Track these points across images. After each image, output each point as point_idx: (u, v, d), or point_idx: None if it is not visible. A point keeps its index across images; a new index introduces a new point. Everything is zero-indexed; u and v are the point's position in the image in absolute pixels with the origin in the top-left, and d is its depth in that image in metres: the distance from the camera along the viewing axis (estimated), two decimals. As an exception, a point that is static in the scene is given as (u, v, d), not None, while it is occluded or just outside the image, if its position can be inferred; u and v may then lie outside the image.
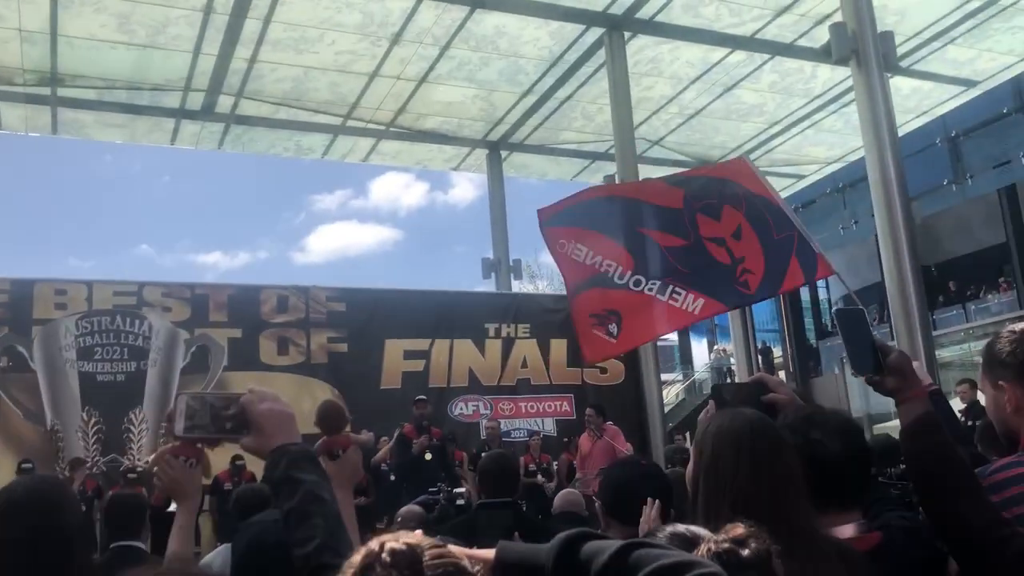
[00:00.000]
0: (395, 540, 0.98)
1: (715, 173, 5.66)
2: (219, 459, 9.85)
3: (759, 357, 24.90)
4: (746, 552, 1.27)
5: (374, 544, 0.98)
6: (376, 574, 0.93)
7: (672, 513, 2.61)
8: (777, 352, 26.89)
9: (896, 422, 2.19)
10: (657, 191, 5.42)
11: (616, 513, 2.59)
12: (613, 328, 5.16)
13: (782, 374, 24.95)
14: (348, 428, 3.88)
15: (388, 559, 0.95)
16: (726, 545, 1.28)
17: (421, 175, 69.08)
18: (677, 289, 5.10)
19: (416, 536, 1.02)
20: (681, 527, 1.49)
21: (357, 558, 0.98)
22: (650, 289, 5.10)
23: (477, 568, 1.06)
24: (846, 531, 1.86)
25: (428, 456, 9.96)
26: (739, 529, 1.31)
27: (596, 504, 2.87)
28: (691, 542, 1.38)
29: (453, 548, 1.05)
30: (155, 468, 1.93)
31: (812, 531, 1.67)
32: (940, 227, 21.11)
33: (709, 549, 1.28)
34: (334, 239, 65.90)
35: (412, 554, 0.96)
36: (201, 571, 1.41)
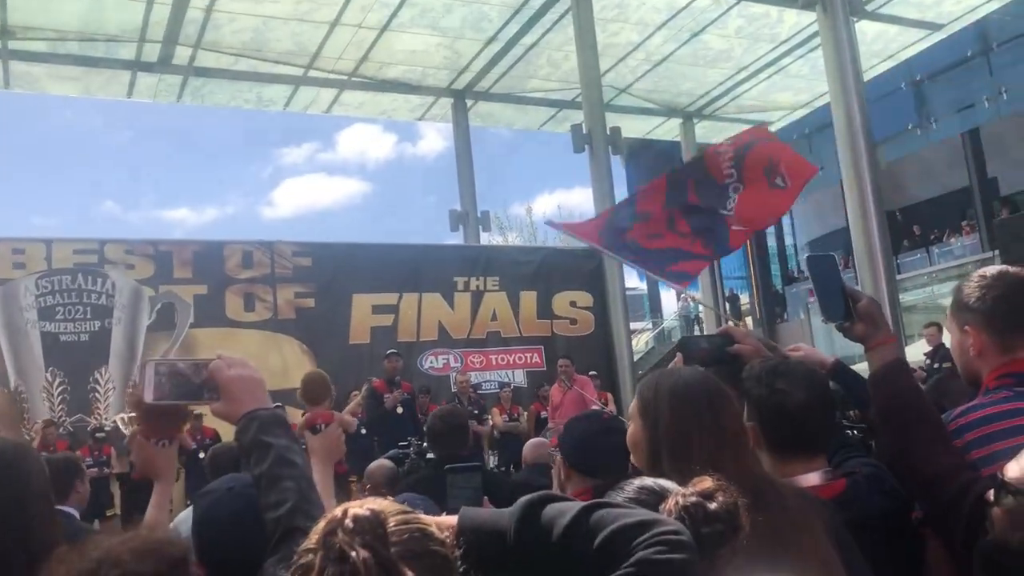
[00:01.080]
0: (359, 506, 0.97)
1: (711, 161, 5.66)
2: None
3: (726, 304, 25.18)
4: (714, 505, 1.27)
5: (338, 511, 0.97)
6: (338, 539, 0.92)
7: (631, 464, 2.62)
8: (744, 299, 27.20)
9: (861, 365, 2.20)
10: (650, 199, 5.51)
11: (577, 465, 2.60)
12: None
13: (749, 320, 25.25)
14: (330, 401, 3.85)
15: (351, 524, 0.93)
16: (694, 499, 1.28)
17: (388, 127, 68.38)
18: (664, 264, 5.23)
19: (382, 503, 1.00)
20: (649, 480, 1.49)
21: (320, 524, 0.97)
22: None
23: (445, 535, 1.05)
24: (811, 479, 1.89)
25: (400, 410, 9.98)
26: (707, 482, 1.32)
27: (555, 456, 2.87)
28: (659, 495, 1.38)
29: (421, 515, 1.04)
30: (130, 449, 1.92)
31: (774, 482, 1.69)
32: (904, 172, 21.30)
33: (677, 503, 1.29)
34: (302, 193, 65.19)
35: (376, 519, 0.95)
36: (170, 535, 1.39)
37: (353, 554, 0.90)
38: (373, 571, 0.89)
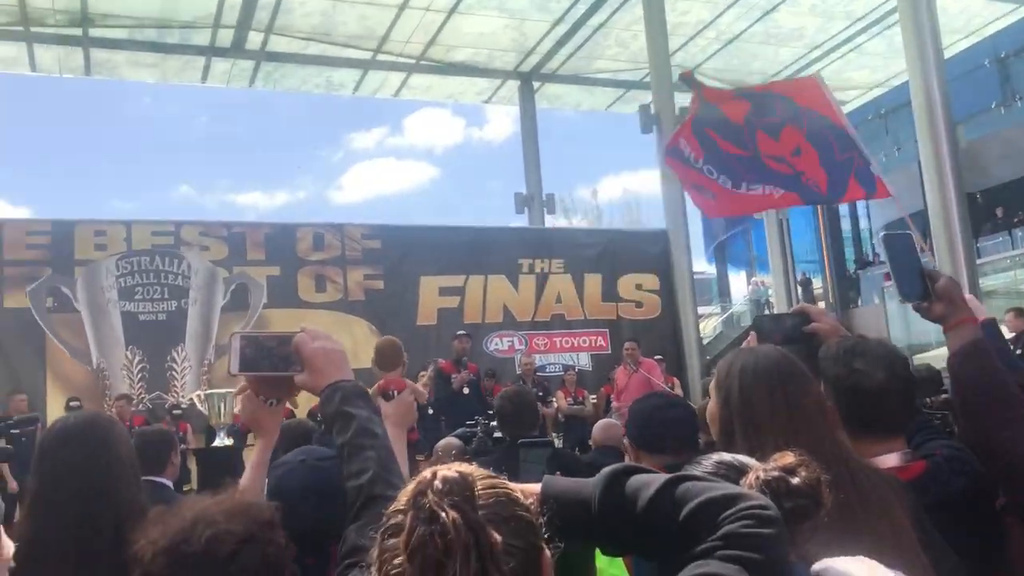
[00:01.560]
0: (448, 469, 0.98)
1: (781, 90, 5.71)
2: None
3: (799, 288, 24.69)
4: (796, 480, 1.26)
5: (427, 473, 0.98)
6: (428, 500, 0.93)
7: (701, 441, 2.60)
8: (817, 283, 26.61)
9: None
10: (723, 97, 5.58)
11: (644, 444, 2.59)
12: (710, 195, 5.39)
13: (822, 305, 24.73)
14: (403, 368, 3.89)
15: (440, 486, 0.95)
16: (776, 473, 1.27)
17: (457, 111, 68.60)
18: (752, 184, 5.24)
19: (469, 467, 1.01)
20: (727, 455, 1.48)
21: (410, 486, 0.98)
22: (722, 182, 5.27)
23: (530, 501, 1.06)
24: (890, 460, 1.85)
25: (466, 391, 10.06)
26: (789, 458, 1.30)
27: (624, 440, 2.87)
28: (739, 470, 1.37)
29: (507, 481, 1.05)
30: (236, 402, 1.98)
31: (854, 461, 1.66)
32: (986, 152, 20.54)
33: (758, 477, 1.27)
34: (371, 177, 65.89)
35: (464, 482, 0.96)
36: (255, 500, 1.44)
37: (443, 514, 0.91)
38: (462, 532, 0.91)
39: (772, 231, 18.00)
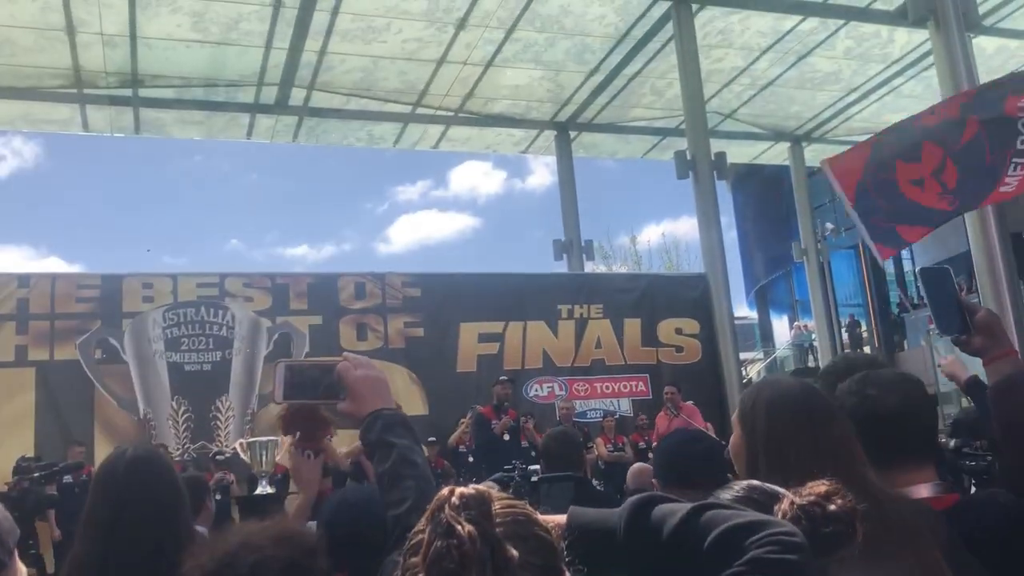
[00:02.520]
0: (465, 487, 1.00)
1: (947, 114, 5.56)
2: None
3: (845, 331, 24.33)
4: (832, 507, 1.25)
5: (445, 491, 1.00)
6: (445, 515, 0.95)
7: (730, 477, 2.58)
8: (862, 326, 26.19)
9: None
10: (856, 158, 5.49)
11: (670, 480, 2.58)
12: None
13: (867, 349, 24.32)
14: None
15: (457, 501, 0.96)
16: (812, 498, 1.26)
17: (499, 163, 69.43)
18: (882, 222, 5.19)
19: (488, 488, 1.03)
20: (757, 483, 1.48)
21: (431, 505, 1.00)
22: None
23: (551, 526, 1.07)
24: (921, 491, 1.81)
25: (506, 437, 10.04)
26: (823, 486, 1.29)
27: (652, 481, 2.85)
28: (772, 496, 1.37)
29: (527, 505, 1.06)
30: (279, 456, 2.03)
31: (880, 492, 1.64)
32: (1030, 192, 20.20)
33: (793, 503, 1.27)
34: (415, 229, 66.68)
35: (481, 497, 0.98)
36: (300, 528, 1.48)
37: (459, 528, 0.93)
38: (478, 545, 0.91)
39: (813, 275, 17.86)
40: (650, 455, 10.16)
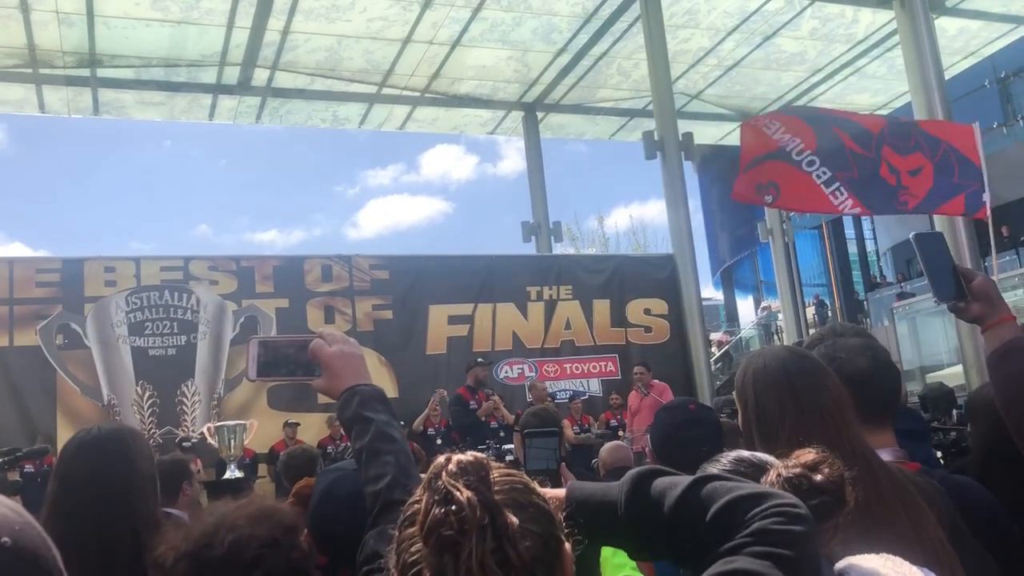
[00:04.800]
0: (462, 454, 0.98)
1: (934, 131, 6.07)
2: (273, 429, 10.03)
3: (813, 311, 24.64)
4: (819, 477, 1.24)
5: (441, 458, 0.98)
6: (443, 481, 0.93)
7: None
8: (828, 306, 26.55)
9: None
10: (863, 119, 6.01)
11: (665, 458, 2.57)
12: (769, 198, 6.10)
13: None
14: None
15: (455, 468, 0.94)
16: (797, 470, 1.25)
17: (471, 147, 69.53)
18: (840, 188, 5.59)
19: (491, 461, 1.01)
20: (747, 452, 1.47)
21: (427, 474, 0.98)
22: (818, 176, 5.66)
23: (550, 498, 1.05)
24: (884, 455, 1.81)
25: (483, 418, 10.06)
26: (810, 455, 1.29)
27: (646, 450, 2.85)
28: (759, 468, 1.35)
29: (524, 475, 1.05)
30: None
31: (872, 457, 1.64)
32: (991, 172, 20.53)
33: (779, 475, 1.26)
34: (386, 213, 66.54)
35: (480, 464, 0.96)
36: (278, 505, 1.44)
37: (458, 494, 0.90)
38: (478, 511, 0.90)
39: (779, 255, 18.00)
40: (621, 433, 10.24)
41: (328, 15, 12.06)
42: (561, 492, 1.15)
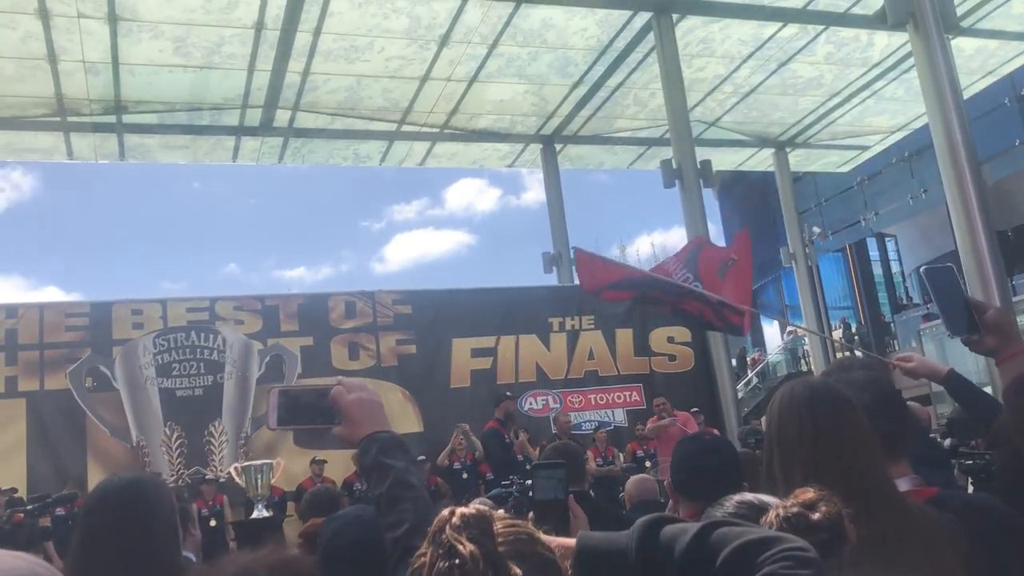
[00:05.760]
0: (466, 507, 1.00)
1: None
2: (301, 466, 10.07)
3: (841, 331, 24.41)
4: (816, 515, 1.25)
5: (446, 512, 1.00)
6: (447, 535, 0.95)
7: (746, 487, 2.58)
8: (854, 328, 26.29)
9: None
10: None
11: (682, 489, 2.57)
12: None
13: (858, 353, 24.39)
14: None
15: (458, 521, 0.96)
16: (795, 510, 1.27)
17: (494, 180, 70.21)
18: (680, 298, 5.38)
19: (497, 512, 1.03)
20: (749, 495, 1.48)
21: (432, 527, 1.00)
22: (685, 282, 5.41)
23: (556, 547, 1.07)
24: (901, 485, 1.81)
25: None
26: (809, 493, 1.30)
27: (665, 482, 2.86)
28: (759, 509, 1.36)
29: (528, 524, 1.06)
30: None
31: (889, 489, 1.63)
32: (1015, 189, 20.40)
33: (778, 515, 1.27)
34: (411, 247, 67.14)
35: (482, 517, 0.98)
36: (296, 556, 1.46)
37: (461, 547, 0.93)
38: (480, 564, 0.91)
39: (802, 279, 17.92)
40: (648, 464, 10.18)
41: (347, 56, 12.25)
42: (570, 542, 1.17)
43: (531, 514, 2.07)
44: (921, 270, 2.05)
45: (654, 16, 12.03)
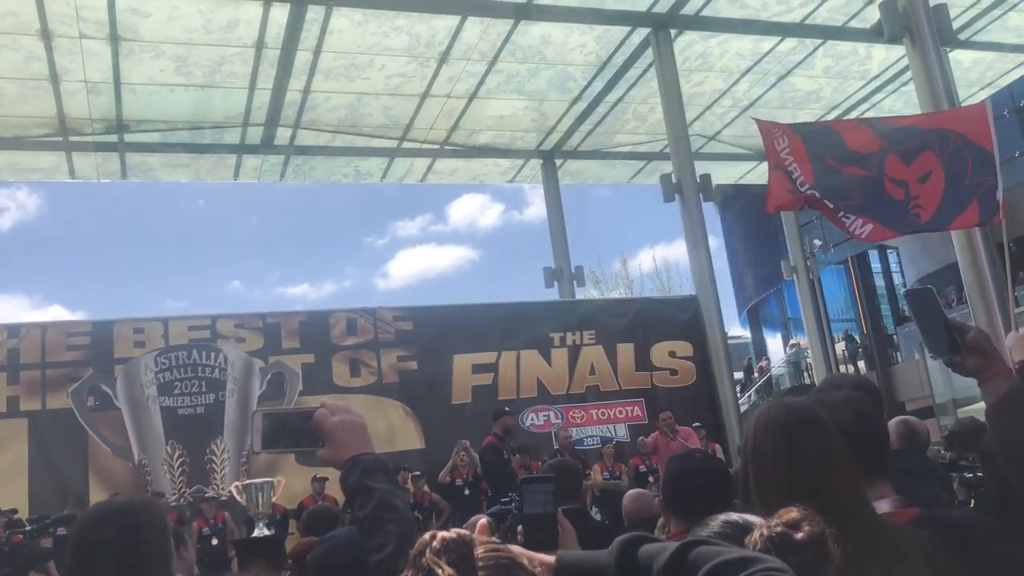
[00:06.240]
0: (447, 531, 1.00)
1: (940, 123, 5.74)
2: (302, 484, 10.06)
3: (844, 344, 24.36)
4: (799, 535, 1.25)
5: (427, 536, 1.00)
6: (426, 558, 0.95)
7: (737, 505, 2.58)
8: (857, 341, 26.23)
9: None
10: (860, 138, 5.65)
11: (672, 507, 2.58)
12: (804, 191, 5.56)
13: (862, 364, 24.35)
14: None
15: (438, 545, 0.96)
16: (779, 529, 1.27)
17: (497, 195, 70.34)
18: (847, 213, 5.35)
19: (472, 533, 1.03)
20: (734, 515, 1.48)
21: (412, 549, 0.99)
22: (825, 203, 5.40)
23: (538, 570, 1.06)
24: (882, 506, 1.82)
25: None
26: (792, 513, 1.30)
27: (657, 499, 2.86)
28: (744, 528, 1.37)
29: (513, 548, 1.06)
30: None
31: (864, 511, 1.64)
32: (1016, 201, 20.37)
33: (762, 534, 1.27)
34: (415, 263, 67.32)
35: (462, 541, 0.97)
36: None
37: (440, 572, 0.92)
38: None
39: (804, 292, 17.91)
40: (650, 479, 10.15)
41: (347, 74, 12.32)
42: (550, 558, 1.17)
43: (520, 528, 2.07)
44: (903, 292, 2.07)
45: (652, 32, 12.10)
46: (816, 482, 1.61)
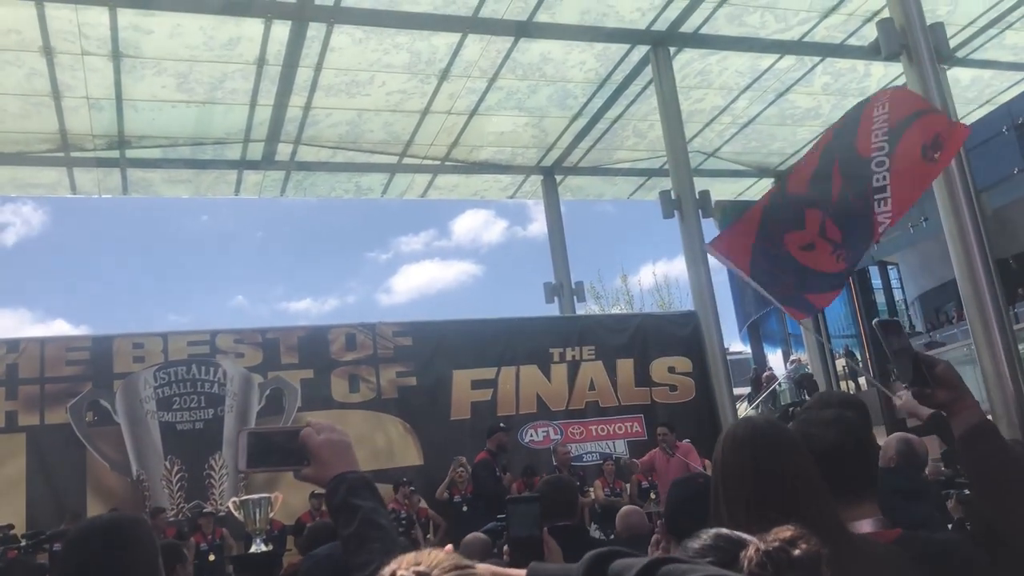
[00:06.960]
0: (416, 555, 1.00)
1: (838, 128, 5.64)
2: (300, 500, 10.04)
3: (845, 361, 24.33)
4: (798, 552, 1.26)
5: (393, 563, 1.01)
6: None
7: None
8: (857, 356, 26.23)
9: None
10: (799, 179, 5.52)
11: (674, 530, 2.58)
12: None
13: (862, 380, 24.33)
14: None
15: (404, 573, 0.97)
16: (776, 544, 1.27)
17: (500, 211, 70.55)
18: (786, 302, 5.30)
19: (436, 556, 1.03)
20: (726, 531, 1.49)
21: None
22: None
23: None
24: (864, 526, 1.84)
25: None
26: (788, 531, 1.30)
27: (658, 523, 2.87)
28: (737, 544, 1.37)
29: (480, 566, 1.07)
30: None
31: (835, 529, 1.65)
32: (1015, 217, 20.44)
33: (758, 550, 1.27)
34: (418, 278, 67.46)
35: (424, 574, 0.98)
36: None
37: None
38: None
39: (804, 308, 17.88)
40: (652, 496, 10.13)
41: (348, 90, 12.39)
42: (520, 573, 1.17)
43: (507, 548, 2.08)
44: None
45: (652, 49, 12.16)
46: (784, 498, 1.62)
